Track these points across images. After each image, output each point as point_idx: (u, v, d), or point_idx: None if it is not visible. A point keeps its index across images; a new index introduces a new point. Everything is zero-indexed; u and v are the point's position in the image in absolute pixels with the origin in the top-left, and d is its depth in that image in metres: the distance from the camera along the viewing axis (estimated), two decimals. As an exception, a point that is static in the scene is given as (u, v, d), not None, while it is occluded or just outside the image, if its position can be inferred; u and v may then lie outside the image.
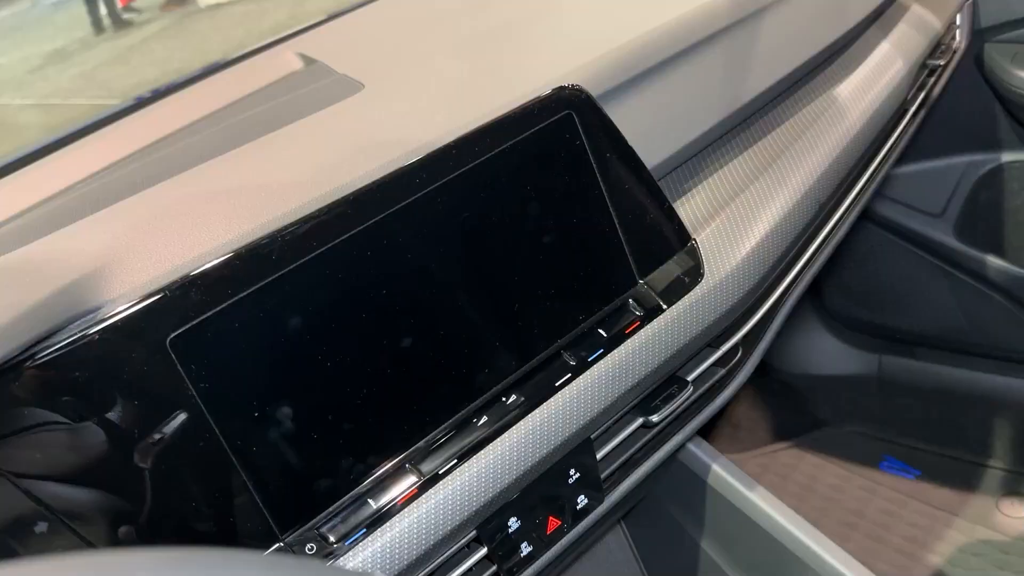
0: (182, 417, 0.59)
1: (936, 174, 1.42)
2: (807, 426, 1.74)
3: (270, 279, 0.61)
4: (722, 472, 0.89)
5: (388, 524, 0.64)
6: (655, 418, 0.80)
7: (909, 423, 1.65)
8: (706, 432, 1.76)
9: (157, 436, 0.58)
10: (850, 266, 1.58)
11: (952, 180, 1.41)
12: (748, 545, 0.89)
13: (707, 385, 0.86)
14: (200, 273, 0.59)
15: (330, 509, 0.64)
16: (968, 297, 1.48)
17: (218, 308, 0.60)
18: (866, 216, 1.49)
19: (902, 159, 1.41)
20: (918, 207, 1.44)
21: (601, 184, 0.77)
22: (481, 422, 0.71)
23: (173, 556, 0.26)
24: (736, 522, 0.89)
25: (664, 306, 0.78)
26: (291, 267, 0.62)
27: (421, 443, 0.68)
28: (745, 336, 0.88)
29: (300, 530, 0.63)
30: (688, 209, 0.87)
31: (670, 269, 0.81)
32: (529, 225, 0.74)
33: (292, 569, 0.29)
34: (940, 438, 1.62)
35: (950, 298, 1.50)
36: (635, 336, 0.76)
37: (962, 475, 1.57)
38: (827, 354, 1.68)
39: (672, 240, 0.82)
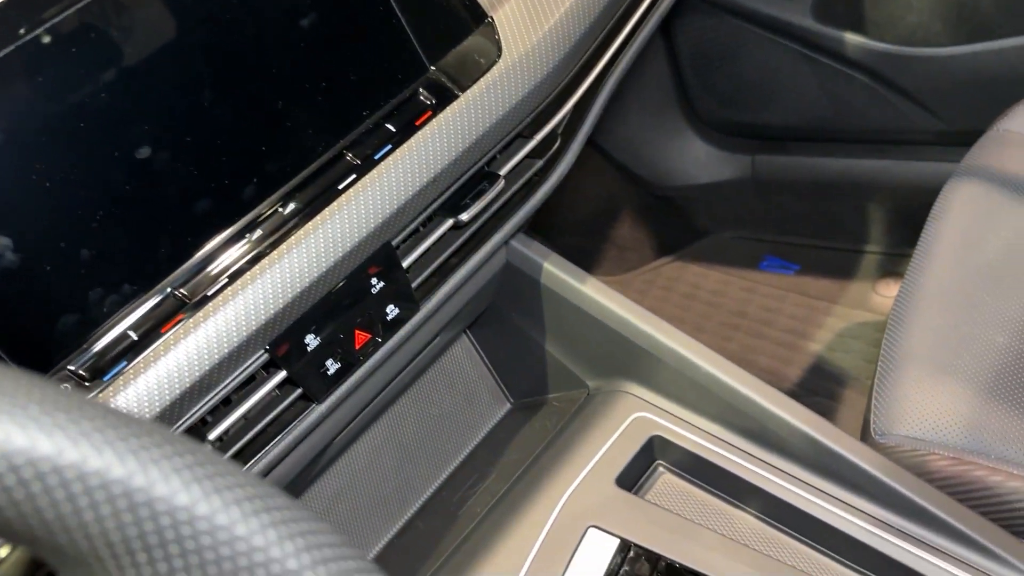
0: None
1: (789, -49, 1.35)
2: (689, 237, 1.72)
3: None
4: (554, 270, 0.85)
5: (152, 353, 0.58)
6: (465, 217, 0.74)
7: (786, 220, 1.64)
8: (590, 257, 1.76)
9: None
10: (714, 65, 1.52)
11: (806, -44, 1.34)
12: (588, 341, 0.87)
13: (524, 179, 0.80)
14: None
15: (83, 346, 0.58)
16: (832, 81, 1.44)
17: None
18: (722, 7, 1.42)
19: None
20: (774, -10, 1.37)
21: (367, -43, 0.67)
22: (255, 236, 0.64)
23: None
24: (573, 319, 0.86)
25: (458, 92, 0.71)
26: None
27: (185, 265, 0.62)
28: (562, 124, 0.82)
29: (50, 372, 0.57)
30: (485, -14, 0.78)
31: (464, 51, 0.73)
32: (288, 6, 0.65)
33: None
34: (817, 231, 1.62)
35: (815, 85, 1.46)
36: (427, 127, 0.69)
37: (840, 264, 1.58)
38: (701, 162, 1.65)
39: (464, 19, 0.74)
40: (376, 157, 0.68)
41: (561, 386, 0.93)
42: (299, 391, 0.68)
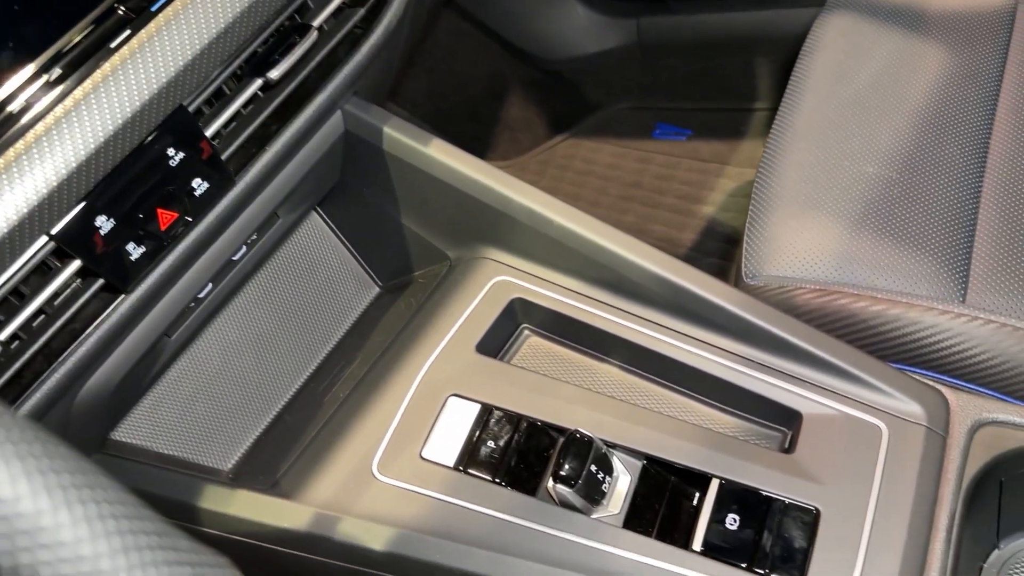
0: None
1: None
2: (581, 112, 1.67)
3: None
4: (396, 134, 0.79)
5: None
6: (274, 74, 0.67)
7: (676, 85, 1.59)
8: (482, 142, 1.69)
9: None
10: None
11: None
12: (441, 208, 0.82)
13: (344, 30, 0.73)
14: None
15: None
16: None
17: None
18: None
19: None
20: None
21: None
22: (16, 108, 0.56)
23: None
24: (423, 187, 0.80)
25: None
26: None
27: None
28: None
29: None
30: None
31: None
32: None
33: None
34: (707, 93, 1.58)
35: (691, -66, 1.39)
36: (211, -29, 0.61)
37: (731, 124, 1.55)
38: (586, 30, 1.58)
39: None
40: (153, 8, 0.60)
41: (424, 262, 0.88)
42: (101, 281, 0.62)
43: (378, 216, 0.87)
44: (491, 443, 0.70)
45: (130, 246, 0.62)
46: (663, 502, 0.66)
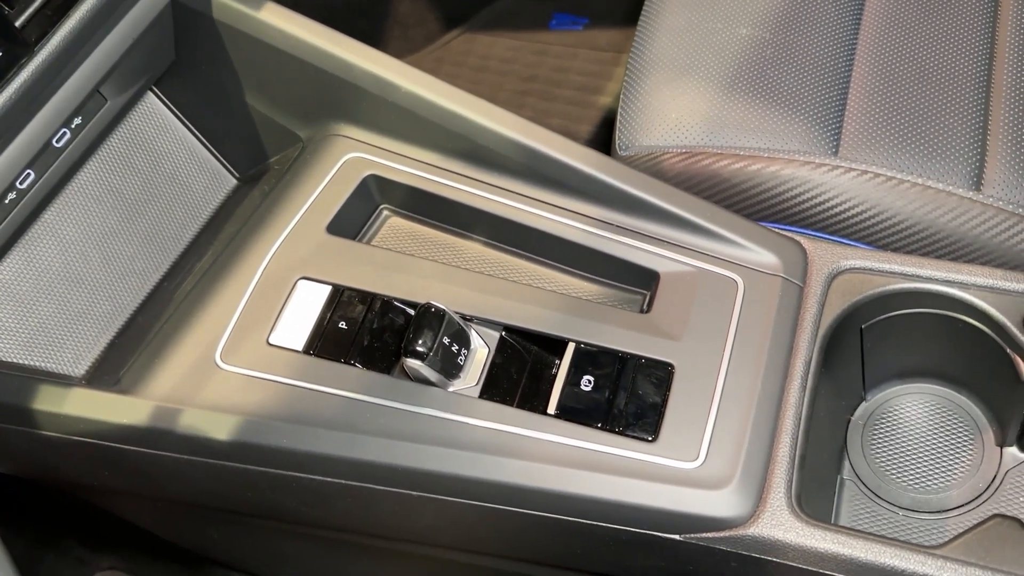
0: None
1: None
2: (475, 5, 1.59)
3: None
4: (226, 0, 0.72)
5: None
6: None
7: (571, -29, 1.53)
8: (372, 40, 1.59)
9: None
10: None
11: None
12: (284, 82, 0.76)
13: None
14: None
15: None
16: None
17: None
18: None
19: None
20: None
21: None
22: None
23: None
24: (262, 59, 0.74)
25: None
26: None
27: None
28: None
29: None
30: None
31: None
32: None
33: None
34: (603, -22, 1.52)
35: None
36: None
37: (628, 9, 1.49)
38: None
39: None
40: None
41: (279, 146, 0.82)
42: None
43: (222, 98, 0.81)
44: (343, 324, 0.66)
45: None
46: (522, 371, 0.64)
